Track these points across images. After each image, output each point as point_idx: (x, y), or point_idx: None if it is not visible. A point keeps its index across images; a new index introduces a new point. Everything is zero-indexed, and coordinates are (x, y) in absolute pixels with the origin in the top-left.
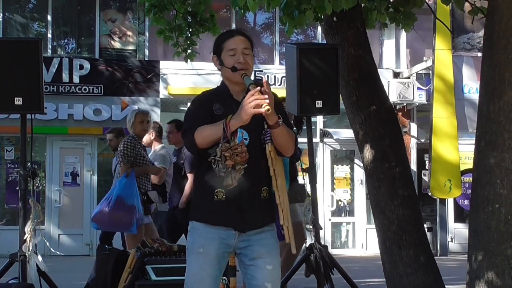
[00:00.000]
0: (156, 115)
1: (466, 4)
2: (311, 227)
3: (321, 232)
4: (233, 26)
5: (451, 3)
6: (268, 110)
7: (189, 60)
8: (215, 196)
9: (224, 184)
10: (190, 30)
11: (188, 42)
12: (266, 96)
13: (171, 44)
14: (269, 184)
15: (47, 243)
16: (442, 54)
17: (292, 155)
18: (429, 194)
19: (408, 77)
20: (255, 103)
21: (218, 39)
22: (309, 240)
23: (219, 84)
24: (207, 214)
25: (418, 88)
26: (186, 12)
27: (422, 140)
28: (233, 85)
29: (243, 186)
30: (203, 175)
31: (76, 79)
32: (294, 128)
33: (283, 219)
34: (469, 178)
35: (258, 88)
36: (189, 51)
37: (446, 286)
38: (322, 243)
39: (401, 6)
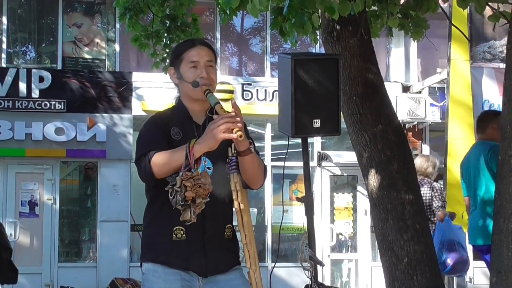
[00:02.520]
0: (128, 135)
1: (487, 8)
2: (307, 264)
3: (319, 271)
4: (218, 31)
5: (469, 7)
6: (240, 136)
7: (152, 68)
8: (174, 235)
9: (181, 219)
10: (170, 36)
11: (167, 50)
12: (239, 119)
13: (148, 53)
14: (232, 221)
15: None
16: (458, 65)
17: (259, 188)
18: None
19: (420, 92)
20: (225, 127)
21: (177, 49)
22: (306, 280)
23: (174, 104)
24: (164, 255)
25: (431, 104)
26: (165, 16)
27: None
28: (192, 103)
29: (206, 223)
30: (159, 210)
31: (35, 93)
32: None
33: (250, 262)
34: None
35: (231, 112)
36: (168, 61)
37: None
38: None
39: (413, 10)
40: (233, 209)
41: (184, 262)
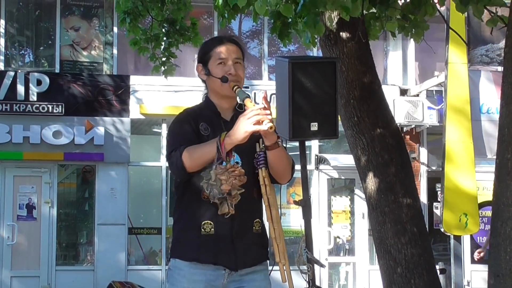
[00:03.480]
0: (126, 139)
1: (485, 12)
2: (305, 268)
3: (317, 274)
4: (215, 34)
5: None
6: (271, 128)
7: (152, 72)
8: (202, 229)
9: (219, 212)
10: (169, 40)
11: (167, 54)
12: (269, 112)
13: (147, 57)
14: (261, 215)
15: None
16: (456, 68)
17: (287, 183)
18: (442, 230)
19: (417, 95)
20: (256, 119)
21: (205, 46)
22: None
23: (202, 101)
24: (193, 251)
25: (429, 108)
26: (164, 20)
27: (434, 168)
28: (220, 100)
29: (235, 218)
30: (187, 205)
31: (33, 97)
32: None
33: (279, 255)
34: (488, 212)
35: (260, 104)
36: (168, 64)
37: None
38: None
39: (411, 13)
40: (262, 203)
41: (213, 257)
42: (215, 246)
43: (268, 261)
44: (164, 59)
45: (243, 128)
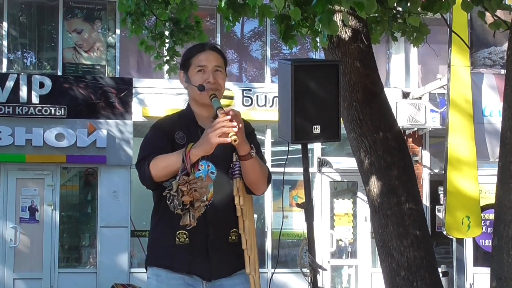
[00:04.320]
0: (129, 141)
1: (488, 15)
2: (307, 271)
3: (319, 277)
4: (218, 37)
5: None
6: (235, 140)
7: (167, 78)
8: (177, 239)
9: (181, 223)
10: (173, 39)
11: (171, 53)
12: (235, 124)
13: (153, 56)
14: (238, 225)
15: None
16: (458, 71)
17: (262, 194)
18: (444, 233)
19: (420, 98)
20: (221, 131)
21: (187, 53)
22: (306, 287)
23: (184, 107)
24: (167, 259)
25: (431, 110)
26: (168, 19)
27: (436, 171)
28: (199, 108)
29: (210, 228)
30: (163, 214)
31: (35, 99)
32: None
33: (250, 267)
34: (490, 215)
35: (227, 116)
36: (172, 63)
37: None
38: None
39: (427, 9)
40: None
41: (187, 266)
42: (189, 256)
43: (245, 270)
44: (168, 57)
45: (208, 140)
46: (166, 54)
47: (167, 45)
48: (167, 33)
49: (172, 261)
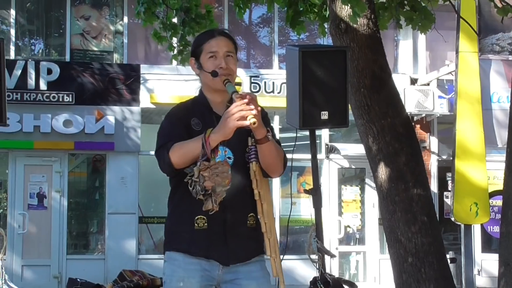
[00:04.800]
0: (137, 128)
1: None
2: (315, 257)
3: (327, 263)
4: (226, 23)
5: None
6: (254, 123)
7: (176, 65)
8: (196, 224)
9: (203, 208)
10: (186, 29)
11: (183, 42)
12: (253, 107)
13: (166, 47)
14: (256, 209)
15: (6, 277)
16: (466, 58)
17: (279, 176)
18: (452, 219)
19: (428, 84)
20: (239, 115)
21: (197, 40)
22: (314, 273)
23: (196, 94)
24: (186, 243)
25: (439, 97)
26: (179, 9)
27: (444, 157)
28: (213, 94)
29: (227, 213)
30: (181, 199)
31: (43, 85)
32: None
33: (270, 249)
34: (499, 201)
35: (245, 99)
36: (185, 53)
37: None
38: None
39: None
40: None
41: (205, 251)
42: (207, 240)
43: (264, 255)
44: (181, 47)
45: (227, 124)
46: (179, 44)
47: (179, 35)
48: (178, 22)
49: (190, 246)
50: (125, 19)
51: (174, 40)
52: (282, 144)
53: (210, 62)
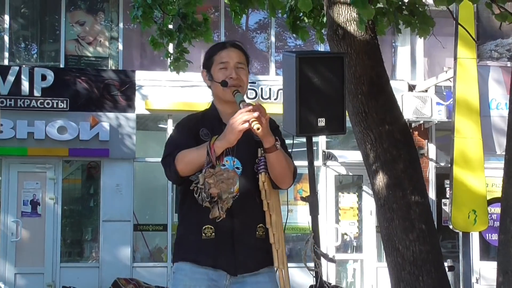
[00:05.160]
0: (132, 135)
1: (494, 7)
2: (312, 265)
3: (324, 271)
4: (222, 29)
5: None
6: (258, 128)
7: (170, 70)
8: (203, 234)
9: (210, 216)
10: (182, 35)
11: (180, 49)
12: (257, 113)
13: (164, 54)
14: (265, 220)
15: (2, 285)
16: (465, 64)
17: (288, 187)
18: (450, 227)
19: (426, 91)
20: (243, 119)
21: (209, 51)
22: (311, 281)
23: (208, 107)
24: (193, 253)
25: (437, 103)
26: (176, 15)
27: (442, 164)
28: (223, 105)
29: (236, 222)
30: (188, 209)
31: (37, 92)
32: None
33: (278, 261)
34: (497, 209)
35: (250, 106)
36: (181, 60)
37: None
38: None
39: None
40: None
41: (212, 260)
42: (215, 250)
43: (272, 266)
44: (177, 54)
45: (231, 129)
46: (175, 51)
47: (175, 41)
48: (174, 28)
49: (197, 255)
50: (121, 25)
51: (171, 46)
52: None
53: (220, 73)
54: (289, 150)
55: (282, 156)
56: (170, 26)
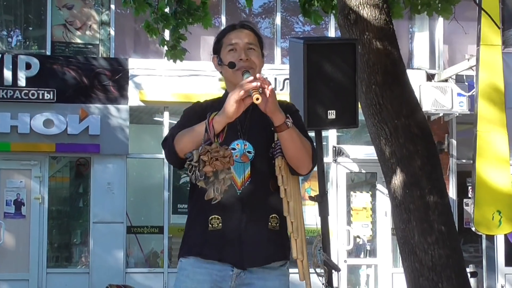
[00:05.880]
0: (125, 128)
1: None
2: (321, 271)
3: (335, 276)
4: (223, 14)
5: None
6: (257, 99)
7: (167, 58)
8: (210, 225)
9: (205, 197)
10: (178, 21)
11: (176, 36)
12: (257, 83)
13: (159, 40)
14: (280, 210)
15: None
16: (488, 51)
17: (308, 173)
18: (473, 229)
19: (446, 80)
20: (241, 89)
21: (218, 35)
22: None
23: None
24: (197, 246)
25: (459, 94)
26: None
27: (464, 161)
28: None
29: (246, 211)
30: (196, 199)
31: (21, 82)
32: None
33: (297, 251)
34: None
35: (251, 77)
36: (178, 48)
37: None
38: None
39: None
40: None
41: (218, 252)
42: (221, 241)
43: (286, 261)
44: (173, 42)
45: (229, 102)
46: (171, 38)
47: (171, 27)
48: (170, 13)
49: (202, 248)
50: (112, 7)
51: (167, 33)
52: None
53: (229, 55)
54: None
55: (295, 135)
56: (167, 10)
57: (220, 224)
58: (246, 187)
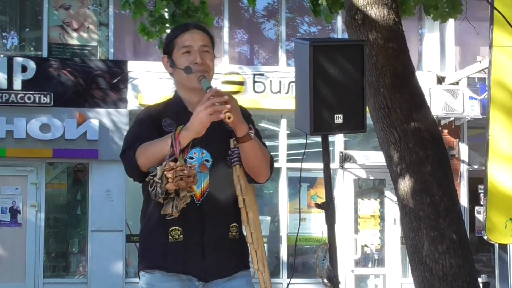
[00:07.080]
0: (123, 133)
1: None
2: (327, 281)
3: (342, 286)
4: (226, 15)
5: None
6: (229, 117)
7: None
8: (170, 237)
9: (162, 212)
10: (176, 23)
11: None
12: (227, 98)
13: (158, 43)
14: (239, 219)
15: None
16: (501, 53)
17: (266, 181)
18: (485, 237)
19: (457, 83)
20: (212, 109)
21: (169, 35)
22: None
23: (171, 96)
24: (160, 259)
25: (470, 98)
26: (170, 0)
27: (476, 167)
28: (188, 93)
29: (206, 222)
30: (153, 210)
31: (17, 85)
32: None
33: (257, 263)
34: None
35: (216, 88)
36: None
37: None
38: None
39: None
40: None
41: (182, 266)
42: (183, 254)
43: (248, 270)
44: None
45: (199, 119)
46: None
47: (168, 30)
48: (168, 15)
49: (165, 261)
50: (111, 9)
51: (164, 36)
52: (291, 152)
53: (183, 58)
54: (302, 151)
55: (257, 146)
56: (165, 14)
57: (181, 236)
58: (206, 197)
